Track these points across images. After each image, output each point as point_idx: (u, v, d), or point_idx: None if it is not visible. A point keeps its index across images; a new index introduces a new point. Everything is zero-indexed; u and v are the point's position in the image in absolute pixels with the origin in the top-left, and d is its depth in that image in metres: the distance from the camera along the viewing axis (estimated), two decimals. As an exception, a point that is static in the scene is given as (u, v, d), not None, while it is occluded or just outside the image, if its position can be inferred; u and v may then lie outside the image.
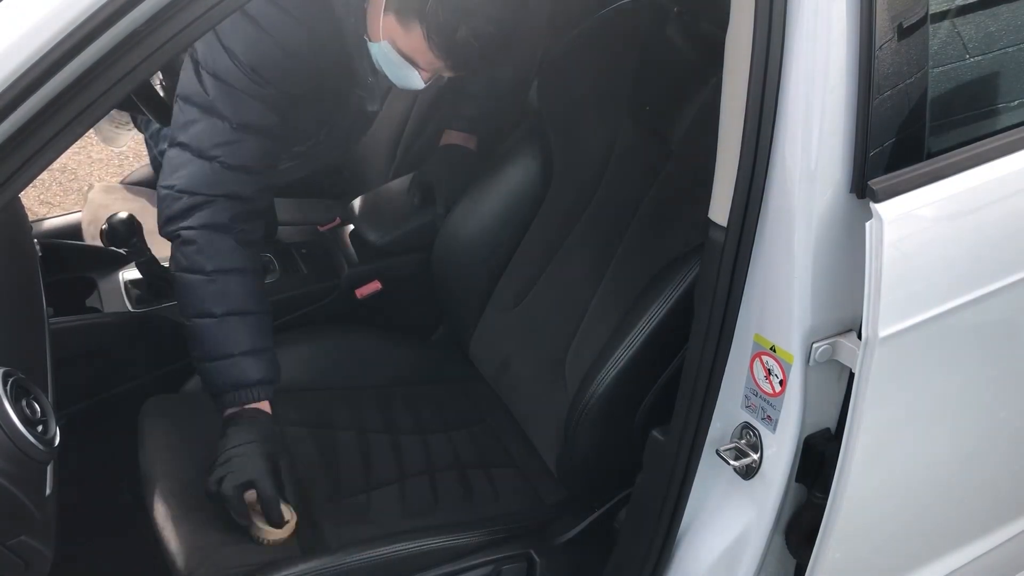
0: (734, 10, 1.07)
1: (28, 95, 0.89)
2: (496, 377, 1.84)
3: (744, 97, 1.06)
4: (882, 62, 1.04)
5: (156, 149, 2.34)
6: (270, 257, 2.00)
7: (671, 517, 1.31)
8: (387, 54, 1.50)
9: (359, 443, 1.71)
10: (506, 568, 1.49)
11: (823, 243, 1.09)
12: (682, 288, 1.36)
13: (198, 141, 1.51)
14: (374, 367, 1.89)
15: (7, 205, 0.96)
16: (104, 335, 1.77)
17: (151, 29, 0.90)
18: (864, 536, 1.29)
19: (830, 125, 1.05)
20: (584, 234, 1.73)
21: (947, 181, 1.12)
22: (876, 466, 1.21)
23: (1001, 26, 1.21)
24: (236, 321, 1.52)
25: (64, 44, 0.88)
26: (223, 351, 1.52)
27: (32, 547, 1.05)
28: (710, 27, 1.58)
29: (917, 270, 1.10)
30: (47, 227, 2.27)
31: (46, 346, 1.33)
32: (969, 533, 1.47)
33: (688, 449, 1.25)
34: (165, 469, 1.55)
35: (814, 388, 1.17)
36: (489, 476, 1.69)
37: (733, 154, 1.09)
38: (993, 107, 1.22)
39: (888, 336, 1.08)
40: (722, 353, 1.18)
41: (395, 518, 1.56)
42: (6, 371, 1.03)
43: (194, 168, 1.51)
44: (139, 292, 1.86)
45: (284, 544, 1.46)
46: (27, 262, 1.44)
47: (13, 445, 0.99)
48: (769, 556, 1.32)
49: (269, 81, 1.51)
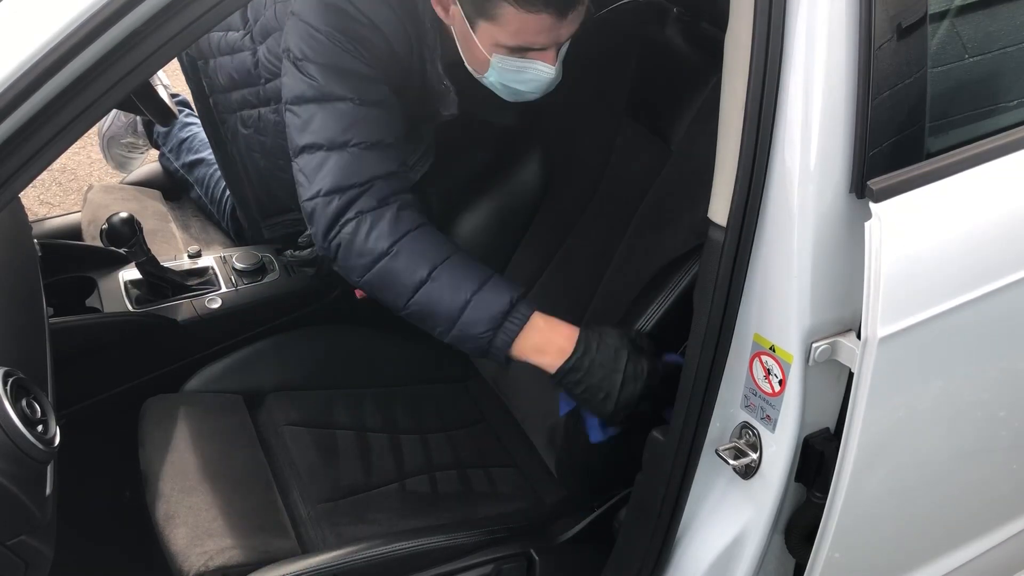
0: (734, 10, 1.07)
1: (28, 95, 0.89)
2: (496, 377, 1.85)
3: (744, 97, 1.06)
4: (881, 62, 1.04)
5: (177, 162, 2.35)
6: (270, 257, 2.00)
7: (670, 517, 1.31)
8: (503, 67, 1.42)
9: (359, 443, 1.71)
10: (506, 568, 1.49)
11: (823, 243, 1.09)
12: (681, 288, 1.36)
13: (326, 132, 1.41)
14: (374, 367, 1.89)
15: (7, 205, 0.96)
16: (104, 335, 1.77)
17: (151, 29, 0.91)
18: (863, 536, 1.29)
19: (830, 125, 1.05)
20: (584, 234, 1.73)
21: (947, 181, 1.12)
22: (875, 466, 1.21)
23: (1000, 26, 1.21)
24: (447, 269, 1.36)
25: (64, 44, 0.88)
26: (457, 304, 1.35)
27: (32, 547, 1.05)
28: (710, 27, 1.58)
29: (916, 270, 1.11)
30: (47, 227, 2.27)
31: (46, 346, 1.33)
32: (968, 533, 1.47)
33: (687, 449, 1.25)
34: (165, 469, 1.55)
35: (813, 388, 1.17)
36: (489, 476, 1.69)
37: (733, 154, 1.09)
38: (992, 107, 1.22)
39: (888, 336, 1.08)
40: (721, 353, 1.18)
41: (395, 518, 1.56)
42: (6, 371, 1.03)
43: (332, 163, 1.40)
44: (139, 292, 1.86)
45: None
46: (27, 262, 1.44)
47: (13, 445, 0.99)
48: (768, 556, 1.32)
49: (368, 56, 1.44)
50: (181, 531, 1.44)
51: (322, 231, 1.40)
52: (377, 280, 1.39)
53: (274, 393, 1.77)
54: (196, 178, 2.32)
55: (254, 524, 1.48)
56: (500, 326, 1.35)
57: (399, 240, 1.37)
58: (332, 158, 1.40)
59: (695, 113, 1.56)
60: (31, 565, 1.06)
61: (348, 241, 1.38)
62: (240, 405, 1.74)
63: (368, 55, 1.46)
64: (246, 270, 1.95)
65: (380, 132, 1.43)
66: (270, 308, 1.92)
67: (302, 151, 1.43)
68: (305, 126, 1.43)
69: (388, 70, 1.49)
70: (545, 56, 1.43)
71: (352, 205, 1.38)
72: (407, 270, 1.36)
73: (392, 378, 1.89)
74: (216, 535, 1.44)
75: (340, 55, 1.44)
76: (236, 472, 1.58)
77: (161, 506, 1.49)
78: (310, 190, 1.41)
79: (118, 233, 1.75)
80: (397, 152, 1.46)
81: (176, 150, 2.37)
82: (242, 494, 1.53)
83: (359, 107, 1.42)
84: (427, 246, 1.39)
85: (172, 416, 1.66)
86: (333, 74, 1.43)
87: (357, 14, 1.46)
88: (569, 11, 1.38)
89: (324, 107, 1.42)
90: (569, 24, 1.41)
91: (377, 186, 1.40)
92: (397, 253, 1.37)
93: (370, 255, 1.37)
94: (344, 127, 1.41)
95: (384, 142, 1.43)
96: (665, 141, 1.61)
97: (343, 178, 1.39)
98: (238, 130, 1.93)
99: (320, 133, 1.41)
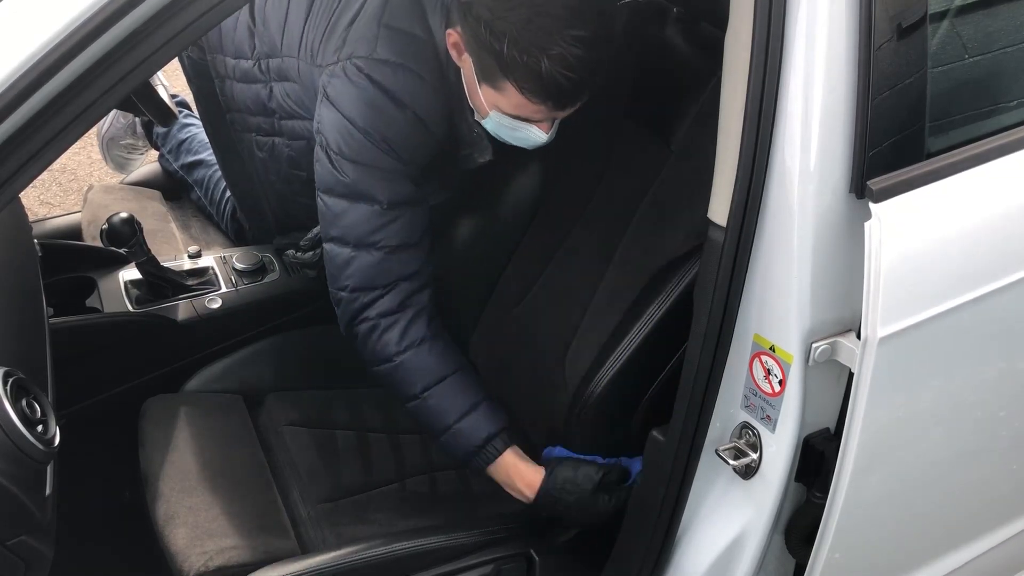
0: (734, 10, 1.07)
1: (28, 95, 0.89)
2: (496, 377, 1.84)
3: (744, 97, 1.06)
4: (881, 62, 1.04)
5: (176, 163, 2.36)
6: (270, 257, 2.00)
7: (670, 516, 1.31)
8: (499, 122, 1.47)
9: (359, 443, 1.71)
10: (506, 568, 1.49)
11: (822, 243, 1.09)
12: (681, 288, 1.36)
13: (355, 231, 1.49)
14: (374, 367, 1.89)
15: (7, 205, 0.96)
16: (104, 335, 1.77)
17: (151, 29, 0.91)
18: (863, 536, 1.29)
19: (829, 125, 1.05)
20: (583, 234, 1.72)
21: (946, 181, 1.12)
22: (875, 466, 1.21)
23: (1000, 26, 1.21)
24: (436, 393, 1.51)
25: (64, 44, 0.88)
26: (440, 427, 1.51)
27: (32, 547, 1.05)
28: (710, 27, 1.58)
29: (916, 270, 1.11)
30: (47, 227, 2.27)
31: (46, 346, 1.33)
32: (968, 533, 1.47)
33: (687, 449, 1.25)
34: (165, 469, 1.55)
35: (813, 388, 1.17)
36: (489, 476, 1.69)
37: (733, 154, 1.09)
38: (992, 107, 1.22)
39: (887, 336, 1.08)
40: (721, 353, 1.18)
41: (395, 518, 1.56)
42: (6, 371, 1.03)
43: (360, 262, 1.49)
44: (139, 292, 1.86)
45: None
46: (27, 262, 1.44)
47: (13, 445, 0.99)
48: (768, 556, 1.32)
49: (403, 152, 1.49)
50: (181, 531, 1.44)
51: (345, 322, 1.54)
52: (383, 377, 1.54)
53: (274, 393, 1.77)
54: (195, 179, 2.32)
55: (254, 524, 1.48)
56: (475, 455, 1.50)
57: (403, 353, 1.50)
58: (359, 257, 1.49)
59: (695, 113, 1.55)
60: (31, 565, 1.06)
61: (364, 338, 1.52)
62: (240, 405, 1.74)
63: (406, 153, 1.49)
64: (246, 270, 1.94)
65: (405, 234, 1.51)
66: (270, 308, 1.92)
67: (331, 240, 1.52)
68: (335, 220, 1.50)
69: (425, 154, 1.53)
70: (541, 125, 1.48)
71: (373, 305, 1.50)
72: (404, 382, 1.52)
73: (392, 378, 1.88)
74: (216, 535, 1.44)
75: (376, 155, 1.47)
76: (236, 472, 1.58)
77: (161, 506, 1.49)
78: (338, 282, 1.52)
79: (118, 233, 1.75)
80: (421, 251, 1.54)
81: (175, 151, 2.37)
82: (242, 494, 1.53)
83: (387, 211, 1.49)
84: (426, 365, 1.52)
85: (172, 416, 1.66)
86: (366, 175, 1.47)
87: (397, 114, 1.48)
88: (567, 107, 1.44)
89: (354, 206, 1.48)
90: (567, 111, 1.46)
91: (400, 288, 1.51)
92: (399, 364, 1.51)
93: (379, 357, 1.52)
94: (371, 230, 1.48)
95: (409, 243, 1.51)
96: (665, 141, 1.61)
97: (369, 279, 1.50)
98: (255, 152, 1.95)
99: (349, 231, 1.49)
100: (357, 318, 1.51)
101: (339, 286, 1.52)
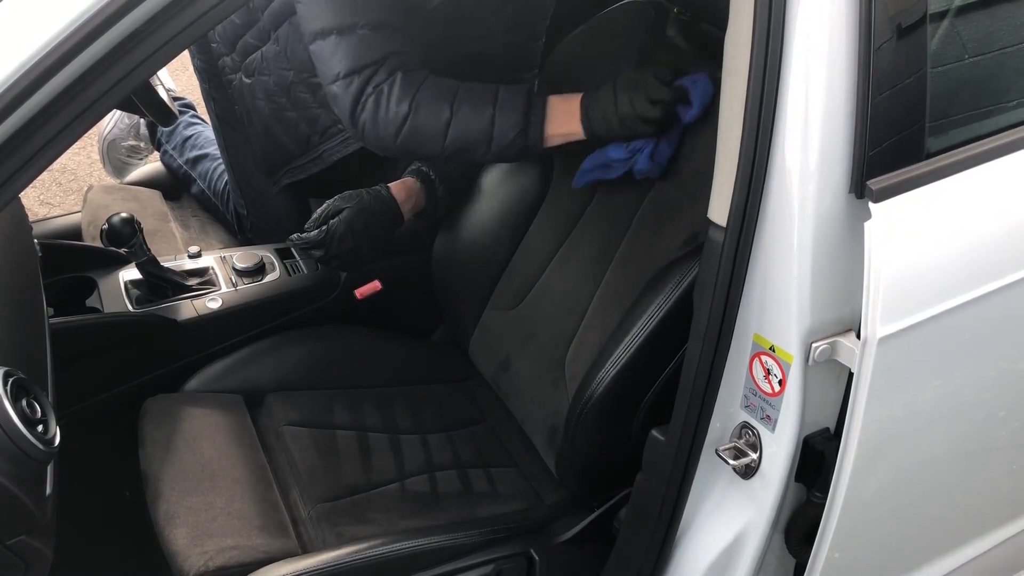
0: (734, 10, 1.07)
1: (28, 95, 0.89)
2: (496, 377, 1.84)
3: (744, 97, 1.06)
4: (881, 62, 1.04)
5: (180, 159, 2.38)
6: (270, 257, 2.00)
7: (670, 517, 1.31)
8: None
9: (359, 443, 1.71)
10: (506, 568, 1.50)
11: (822, 243, 1.09)
12: (681, 288, 1.36)
13: (333, 18, 1.51)
14: (374, 367, 1.89)
15: (7, 205, 0.96)
16: (104, 335, 1.77)
17: (151, 29, 0.91)
18: (863, 536, 1.29)
19: (829, 125, 1.05)
20: (584, 235, 1.73)
21: (946, 181, 1.12)
22: (875, 466, 1.21)
23: (1000, 26, 1.21)
24: (462, 99, 1.49)
25: (64, 44, 0.88)
26: (485, 122, 1.49)
27: (32, 547, 1.05)
28: (710, 27, 1.58)
29: (916, 270, 1.11)
30: (47, 227, 2.27)
31: (46, 346, 1.33)
32: (968, 533, 1.47)
33: (687, 449, 1.26)
34: (165, 469, 1.55)
35: (813, 388, 1.17)
36: (489, 476, 1.69)
37: (733, 154, 1.09)
38: (992, 107, 1.22)
39: (887, 336, 1.08)
40: (721, 353, 1.18)
41: (395, 518, 1.56)
42: (6, 371, 1.03)
43: (344, 46, 1.50)
44: (139, 292, 1.86)
45: None
46: (27, 262, 1.44)
47: (13, 445, 0.99)
48: (768, 555, 1.32)
49: None
50: (181, 531, 1.44)
51: (348, 113, 1.53)
52: (411, 139, 1.51)
53: (274, 393, 1.77)
54: (199, 172, 2.35)
55: (254, 524, 1.48)
56: (530, 112, 1.49)
57: (415, 96, 1.50)
58: (343, 42, 1.50)
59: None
60: (31, 565, 1.06)
61: (372, 114, 1.51)
62: (240, 405, 1.74)
63: None
64: (246, 270, 1.95)
65: (384, 12, 1.52)
66: (270, 308, 1.92)
67: (315, 37, 1.52)
68: (313, 19, 1.52)
69: None
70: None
71: (370, 81, 1.50)
72: (432, 117, 1.49)
73: (392, 378, 1.89)
74: (216, 535, 1.44)
75: None
76: (236, 472, 1.58)
77: (161, 506, 1.49)
78: (329, 76, 1.52)
79: (118, 233, 1.75)
80: (405, 35, 1.55)
81: (180, 147, 2.39)
82: (242, 494, 1.53)
83: None
84: (438, 90, 1.51)
85: (172, 416, 1.66)
86: None
87: None
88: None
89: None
90: None
91: (390, 61, 1.51)
92: (417, 108, 1.49)
93: (396, 120, 1.50)
94: (348, 10, 1.50)
95: (388, 22, 1.52)
96: (665, 141, 1.61)
97: (358, 58, 1.50)
98: (242, 84, 2.00)
99: (328, 21, 1.51)
100: (358, 101, 1.51)
101: (331, 78, 1.52)
